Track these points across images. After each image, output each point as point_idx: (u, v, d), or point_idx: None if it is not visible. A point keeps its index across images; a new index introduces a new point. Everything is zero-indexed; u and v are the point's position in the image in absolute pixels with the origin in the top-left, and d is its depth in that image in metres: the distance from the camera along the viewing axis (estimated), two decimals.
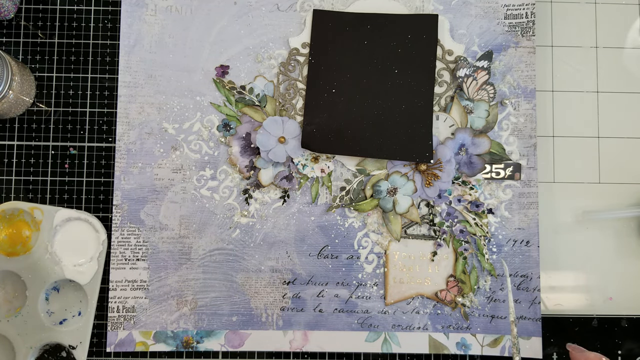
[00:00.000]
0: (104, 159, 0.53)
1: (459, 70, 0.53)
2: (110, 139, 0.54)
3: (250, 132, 0.53)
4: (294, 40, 0.54)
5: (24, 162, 0.53)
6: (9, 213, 0.51)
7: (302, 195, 0.53)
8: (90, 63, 0.54)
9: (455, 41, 0.54)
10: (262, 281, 0.53)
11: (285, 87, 0.53)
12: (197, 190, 0.53)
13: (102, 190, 0.53)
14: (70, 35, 0.54)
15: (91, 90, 0.54)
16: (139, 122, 0.53)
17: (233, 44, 0.54)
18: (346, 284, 0.53)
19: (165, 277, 0.52)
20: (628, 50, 0.55)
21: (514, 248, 0.53)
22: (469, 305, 0.52)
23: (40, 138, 0.53)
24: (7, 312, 0.52)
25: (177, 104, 0.53)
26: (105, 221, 0.53)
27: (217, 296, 0.52)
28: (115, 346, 0.52)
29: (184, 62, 0.53)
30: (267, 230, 0.53)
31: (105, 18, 0.54)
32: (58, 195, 0.53)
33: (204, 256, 0.52)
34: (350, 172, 0.53)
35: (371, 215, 0.53)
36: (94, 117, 0.54)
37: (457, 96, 0.53)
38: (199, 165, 0.53)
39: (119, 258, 0.52)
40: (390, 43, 0.53)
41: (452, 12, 0.54)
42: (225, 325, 0.52)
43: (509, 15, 0.54)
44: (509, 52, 0.53)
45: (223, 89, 0.53)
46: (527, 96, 0.53)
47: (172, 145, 0.53)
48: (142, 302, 0.52)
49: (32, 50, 0.54)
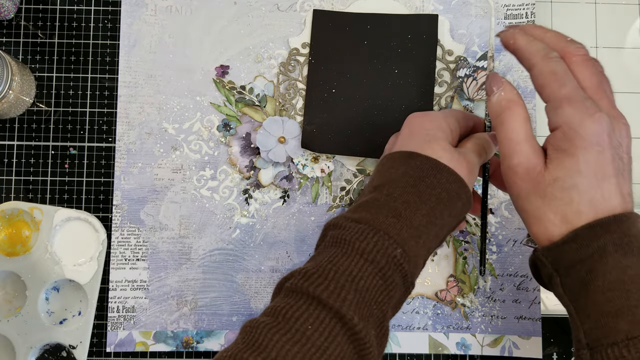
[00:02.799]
0: (104, 159, 0.53)
1: (459, 70, 0.53)
2: (110, 139, 0.54)
3: (250, 132, 0.53)
4: (294, 40, 0.54)
5: (24, 162, 0.53)
6: (9, 213, 0.51)
7: (302, 195, 0.53)
8: (90, 63, 0.54)
9: (455, 41, 0.54)
10: (262, 281, 0.53)
11: (285, 87, 0.53)
12: (197, 190, 0.53)
13: (102, 190, 0.53)
14: (70, 35, 0.54)
15: (91, 90, 0.54)
16: (139, 122, 0.53)
17: (233, 44, 0.54)
18: None
19: (165, 277, 0.52)
20: (628, 50, 0.55)
21: (514, 248, 0.53)
22: (469, 305, 0.52)
23: (40, 138, 0.53)
24: (7, 312, 0.52)
25: (177, 104, 0.53)
26: (105, 221, 0.53)
27: (217, 296, 0.52)
28: (115, 346, 0.52)
29: (184, 62, 0.53)
30: (267, 230, 0.53)
31: (105, 18, 0.54)
32: (58, 195, 0.53)
33: (204, 256, 0.52)
34: (350, 172, 0.53)
35: None
36: (94, 117, 0.54)
37: (457, 96, 0.53)
38: (199, 165, 0.53)
39: (118, 258, 0.52)
40: (390, 43, 0.53)
41: (452, 12, 0.54)
42: (225, 326, 0.52)
43: (509, 15, 0.54)
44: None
45: (223, 89, 0.53)
46: (527, 96, 0.53)
47: (172, 145, 0.53)
48: (142, 302, 0.52)
49: (32, 50, 0.54)
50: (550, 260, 0.37)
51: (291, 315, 0.33)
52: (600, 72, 0.38)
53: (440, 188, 0.37)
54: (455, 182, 0.38)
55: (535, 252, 0.38)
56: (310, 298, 0.33)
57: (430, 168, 0.38)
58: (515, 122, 0.37)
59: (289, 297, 0.34)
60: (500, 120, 0.37)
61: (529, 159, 0.36)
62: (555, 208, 0.36)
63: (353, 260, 0.35)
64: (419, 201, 0.37)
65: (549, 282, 0.38)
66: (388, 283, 0.35)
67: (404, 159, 0.39)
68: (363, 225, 0.36)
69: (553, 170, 0.36)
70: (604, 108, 0.36)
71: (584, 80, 0.37)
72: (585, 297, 0.34)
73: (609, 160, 0.35)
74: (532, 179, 0.36)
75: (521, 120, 0.37)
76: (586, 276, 0.34)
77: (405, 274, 0.35)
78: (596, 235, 0.34)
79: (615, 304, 0.33)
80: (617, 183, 0.35)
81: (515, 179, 0.37)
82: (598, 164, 0.35)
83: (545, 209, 0.36)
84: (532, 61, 0.38)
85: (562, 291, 0.36)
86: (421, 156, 0.39)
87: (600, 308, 0.33)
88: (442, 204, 0.37)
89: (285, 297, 0.34)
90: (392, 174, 0.39)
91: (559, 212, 0.36)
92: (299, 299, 0.34)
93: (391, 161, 0.40)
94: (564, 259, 0.36)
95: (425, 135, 0.40)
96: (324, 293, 0.33)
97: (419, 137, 0.40)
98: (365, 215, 0.36)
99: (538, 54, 0.37)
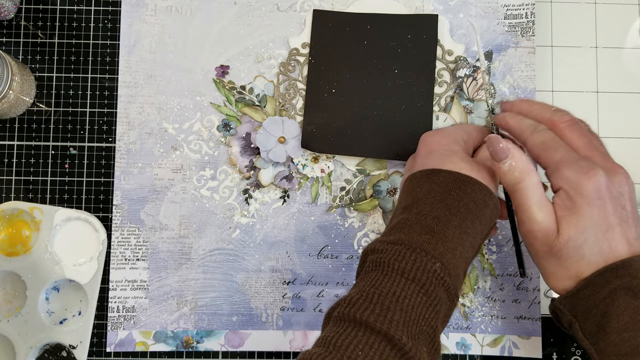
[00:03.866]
0: (104, 159, 0.53)
1: (459, 70, 0.53)
2: (110, 139, 0.54)
3: (250, 132, 0.53)
4: (294, 40, 0.54)
5: (24, 162, 0.53)
6: (9, 213, 0.51)
7: (302, 195, 0.53)
8: (90, 63, 0.54)
9: (455, 41, 0.54)
10: (262, 281, 0.53)
11: (285, 87, 0.53)
12: (197, 190, 0.53)
13: (102, 190, 0.53)
14: (70, 35, 0.54)
15: (91, 90, 0.54)
16: (139, 122, 0.53)
17: (233, 44, 0.54)
18: (346, 284, 0.53)
19: (165, 277, 0.52)
20: (628, 50, 0.55)
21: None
22: (469, 305, 0.52)
23: (40, 138, 0.53)
24: (7, 312, 0.52)
25: (177, 104, 0.53)
26: (105, 221, 0.53)
27: (217, 296, 0.52)
28: (115, 346, 0.52)
29: (184, 62, 0.53)
30: (267, 230, 0.53)
31: (105, 18, 0.54)
32: (58, 195, 0.53)
33: (204, 256, 0.52)
34: (350, 172, 0.53)
35: (371, 215, 0.53)
36: (94, 117, 0.54)
37: (457, 96, 0.53)
38: (199, 165, 0.53)
39: (119, 258, 0.52)
40: (390, 43, 0.53)
41: (452, 12, 0.54)
42: (225, 325, 0.52)
43: (509, 15, 0.54)
44: (509, 52, 0.53)
45: (223, 89, 0.53)
46: (527, 96, 0.53)
47: (172, 145, 0.53)
48: (142, 302, 0.52)
49: (32, 50, 0.54)
50: (568, 308, 0.40)
51: (341, 344, 0.33)
52: (588, 130, 0.42)
53: (467, 199, 0.39)
54: (480, 190, 0.39)
55: (554, 302, 0.41)
56: (358, 324, 0.34)
57: (453, 181, 0.39)
58: (530, 191, 0.39)
59: (337, 326, 0.35)
60: (515, 189, 0.40)
61: (545, 225, 0.39)
62: (570, 265, 0.39)
63: (395, 281, 0.35)
64: (448, 214, 0.38)
65: (570, 328, 0.40)
66: (432, 298, 0.36)
67: (427, 177, 0.41)
68: (399, 246, 0.37)
69: (564, 231, 0.38)
70: (598, 163, 0.39)
71: (574, 143, 0.40)
72: (603, 339, 0.37)
73: (611, 212, 0.38)
74: (549, 242, 0.39)
75: (535, 187, 0.39)
76: (602, 319, 0.37)
77: (447, 287, 0.36)
78: (606, 280, 0.37)
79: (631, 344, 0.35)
80: (622, 231, 0.38)
81: (534, 242, 0.40)
82: (601, 216, 0.38)
83: (561, 266, 0.39)
84: (524, 136, 0.42)
85: (582, 335, 0.39)
86: (443, 171, 0.40)
87: (617, 349, 0.36)
88: (472, 213, 0.39)
89: (334, 326, 0.35)
90: (418, 193, 0.40)
91: (573, 267, 0.39)
92: (347, 326, 0.34)
93: (414, 181, 0.41)
94: (580, 305, 0.38)
95: (442, 150, 0.42)
96: (370, 317, 0.34)
97: (437, 153, 0.42)
98: (400, 236, 0.37)
99: (527, 130, 0.41)
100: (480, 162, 0.42)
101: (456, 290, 0.37)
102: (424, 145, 0.44)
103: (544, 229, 0.39)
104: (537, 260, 0.41)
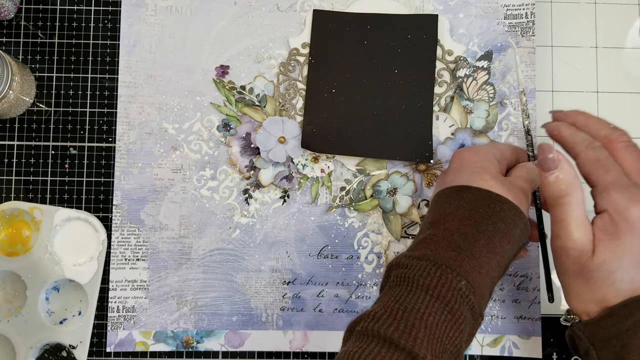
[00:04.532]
0: (104, 159, 0.53)
1: (459, 70, 0.53)
2: (110, 139, 0.54)
3: (250, 132, 0.53)
4: (294, 40, 0.54)
5: (24, 162, 0.53)
6: (9, 213, 0.51)
7: (302, 195, 0.53)
8: (90, 63, 0.54)
9: (455, 41, 0.54)
10: (262, 281, 0.53)
11: (285, 87, 0.53)
12: (197, 190, 0.53)
13: (102, 190, 0.53)
14: (70, 35, 0.54)
15: (91, 90, 0.54)
16: (139, 122, 0.53)
17: (233, 44, 0.54)
18: (346, 284, 0.53)
19: (165, 277, 0.52)
20: (628, 50, 0.55)
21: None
22: None
23: (40, 138, 0.53)
24: (7, 312, 0.52)
25: (177, 104, 0.53)
26: (105, 221, 0.53)
27: (217, 296, 0.52)
28: (115, 346, 0.52)
29: (184, 62, 0.54)
30: (267, 230, 0.53)
31: (105, 18, 0.54)
32: (58, 195, 0.53)
33: (204, 256, 0.52)
34: (350, 172, 0.53)
35: (371, 215, 0.53)
36: (94, 117, 0.54)
37: (457, 96, 0.53)
38: (199, 165, 0.53)
39: (119, 258, 0.52)
40: (390, 43, 0.53)
41: (452, 12, 0.54)
42: (225, 325, 0.52)
43: (509, 15, 0.54)
44: (509, 52, 0.53)
45: (223, 89, 0.53)
46: (527, 96, 0.53)
47: (172, 145, 0.53)
48: (142, 302, 0.52)
49: (32, 50, 0.54)
50: (586, 335, 0.39)
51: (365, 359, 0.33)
52: None
53: (496, 217, 0.38)
54: (510, 209, 0.39)
55: (572, 328, 0.40)
56: (382, 340, 0.33)
57: (482, 198, 0.39)
58: (572, 206, 0.38)
59: (360, 341, 0.34)
60: (557, 203, 0.38)
61: (581, 243, 0.38)
62: (598, 289, 0.38)
63: (419, 298, 0.35)
64: (476, 232, 0.37)
65: (586, 355, 0.40)
66: (457, 317, 0.35)
67: (456, 193, 0.40)
68: (424, 262, 0.36)
69: (600, 253, 0.37)
70: None
71: (628, 166, 0.39)
72: None
73: None
74: (581, 262, 0.38)
75: (578, 204, 0.38)
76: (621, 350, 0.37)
77: (472, 306, 0.36)
78: (630, 312, 0.37)
79: None
80: None
81: (566, 260, 0.39)
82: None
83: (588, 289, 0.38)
84: (577, 150, 0.40)
85: None
86: (472, 188, 0.39)
87: None
88: (500, 232, 0.38)
89: (356, 341, 0.35)
90: (446, 209, 0.39)
91: (600, 292, 0.38)
92: (370, 342, 0.34)
93: (443, 197, 0.41)
94: (599, 334, 0.38)
95: (474, 167, 0.41)
96: (394, 334, 0.33)
97: (468, 170, 0.41)
98: (426, 252, 0.37)
99: (582, 144, 0.40)
100: (513, 181, 0.41)
101: (481, 310, 0.37)
102: (455, 161, 0.44)
103: (578, 247, 0.38)
104: (563, 278, 0.40)
